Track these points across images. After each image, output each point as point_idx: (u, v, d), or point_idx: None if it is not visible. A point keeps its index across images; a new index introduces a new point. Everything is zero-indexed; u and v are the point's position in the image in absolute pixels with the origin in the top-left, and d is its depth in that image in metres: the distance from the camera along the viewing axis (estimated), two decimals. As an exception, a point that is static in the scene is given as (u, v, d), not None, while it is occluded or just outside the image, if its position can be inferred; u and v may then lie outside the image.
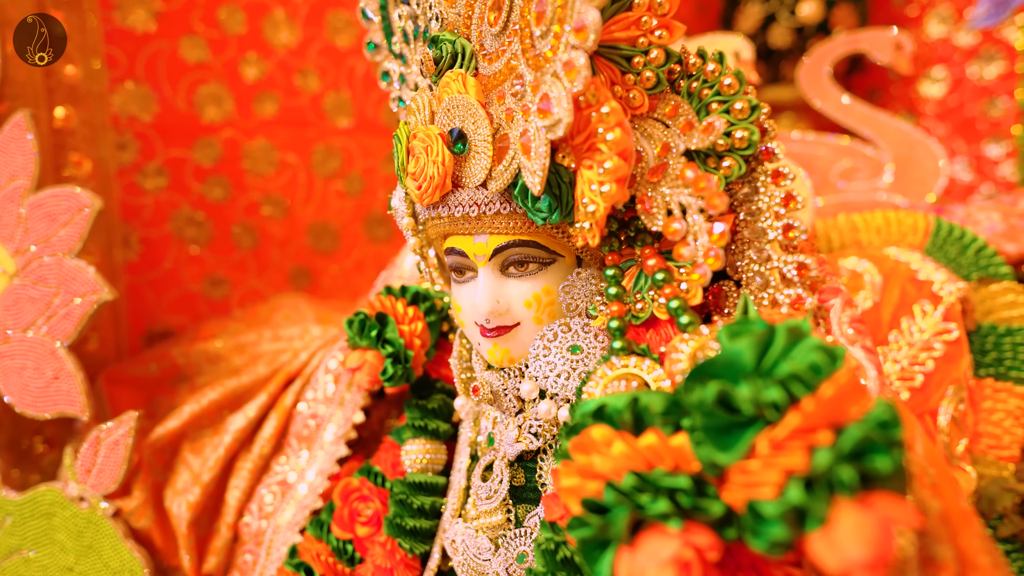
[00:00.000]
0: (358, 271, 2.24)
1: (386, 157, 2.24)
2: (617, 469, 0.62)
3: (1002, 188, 2.51)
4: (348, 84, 2.13)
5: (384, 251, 2.28)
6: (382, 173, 2.24)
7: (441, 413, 1.20)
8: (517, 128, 0.81)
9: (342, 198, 2.17)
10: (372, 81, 2.18)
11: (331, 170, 2.13)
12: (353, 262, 2.23)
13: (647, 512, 0.59)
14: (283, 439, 1.36)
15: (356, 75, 2.14)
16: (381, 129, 2.21)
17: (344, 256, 2.20)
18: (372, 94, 2.18)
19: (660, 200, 0.78)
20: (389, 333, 1.13)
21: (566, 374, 0.87)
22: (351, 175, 2.18)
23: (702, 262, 0.74)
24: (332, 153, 2.13)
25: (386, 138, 2.23)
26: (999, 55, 2.57)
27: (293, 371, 1.41)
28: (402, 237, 2.43)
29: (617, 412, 0.65)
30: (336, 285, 2.19)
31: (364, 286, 2.22)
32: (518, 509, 0.93)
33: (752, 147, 0.76)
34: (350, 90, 2.14)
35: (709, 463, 0.60)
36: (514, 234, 0.89)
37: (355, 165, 2.18)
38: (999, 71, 2.57)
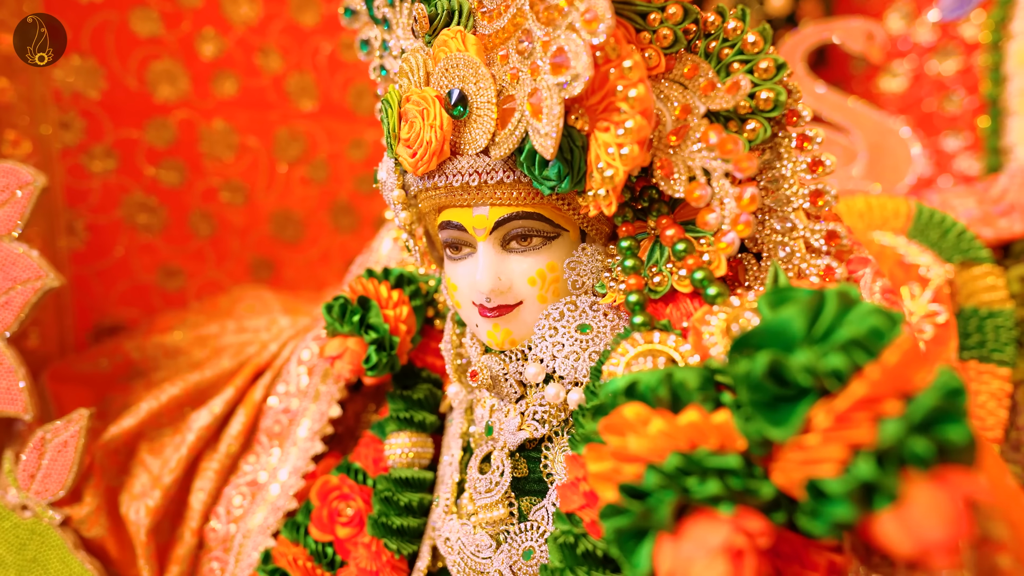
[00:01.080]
0: (323, 262, 2.14)
1: (352, 143, 2.14)
2: (657, 449, 0.56)
3: (959, 181, 2.57)
4: (312, 65, 2.03)
5: (351, 241, 2.18)
6: (348, 159, 2.14)
7: (427, 404, 1.13)
8: (524, 88, 0.75)
9: (306, 185, 2.06)
10: (338, 63, 2.08)
11: (294, 155, 2.02)
12: (318, 253, 2.12)
13: (694, 496, 0.54)
14: (252, 436, 1.26)
15: (320, 56, 2.04)
16: (347, 113, 2.12)
17: (308, 246, 2.10)
18: (338, 76, 2.08)
19: (681, 165, 0.73)
20: (373, 318, 1.05)
21: (575, 355, 0.82)
22: (316, 161, 2.07)
23: (729, 229, 0.69)
24: (295, 137, 2.02)
25: (353, 123, 2.14)
26: (956, 51, 2.63)
27: (262, 363, 1.32)
28: (371, 226, 2.34)
29: (651, 389, 0.60)
30: (300, 277, 2.08)
31: (329, 278, 2.13)
32: (521, 502, 0.87)
33: (778, 108, 0.71)
34: (314, 72, 2.04)
35: (759, 440, 0.55)
36: (517, 205, 0.83)
37: (320, 150, 2.07)
38: (956, 67, 2.63)
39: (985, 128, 2.02)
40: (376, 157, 2.21)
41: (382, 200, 2.29)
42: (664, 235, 0.76)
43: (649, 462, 0.56)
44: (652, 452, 0.56)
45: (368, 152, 2.18)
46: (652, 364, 0.67)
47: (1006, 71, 1.96)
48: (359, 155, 2.16)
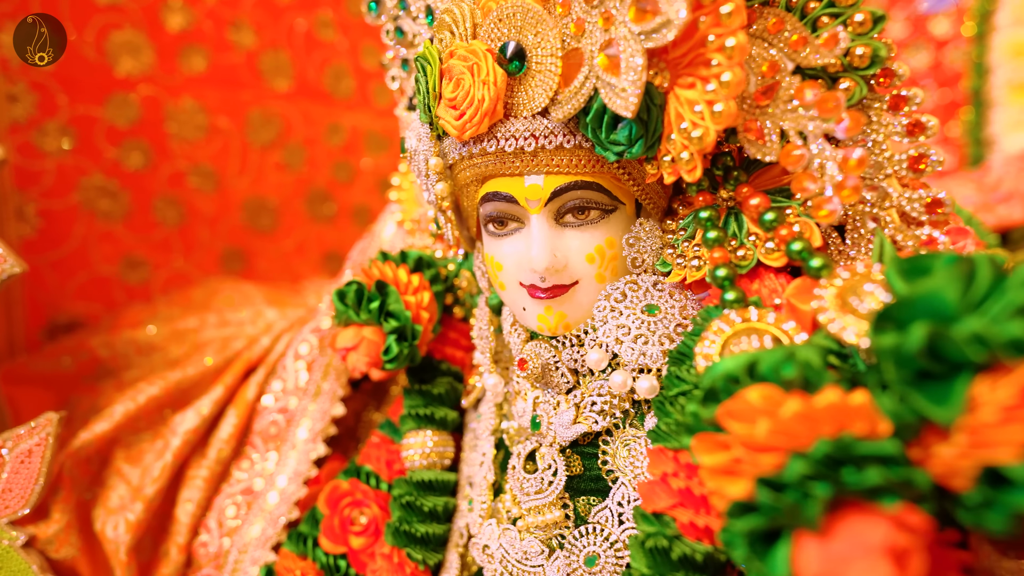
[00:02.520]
0: (298, 253, 2.00)
1: (330, 127, 2.02)
2: (796, 435, 0.49)
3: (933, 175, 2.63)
4: (287, 43, 1.90)
5: (328, 232, 2.06)
6: (325, 145, 2.01)
7: (448, 399, 1.04)
8: (594, 39, 0.67)
9: (281, 171, 1.93)
10: (315, 41, 1.95)
11: (268, 139, 1.88)
12: (293, 243, 1.99)
13: (849, 487, 0.47)
14: (245, 439, 1.14)
15: (296, 33, 1.91)
16: (324, 96, 1.99)
17: (283, 236, 1.96)
18: (314, 55, 1.95)
19: (773, 126, 0.66)
20: (392, 305, 0.95)
21: (643, 338, 0.74)
22: (291, 145, 1.94)
23: (832, 195, 0.63)
24: (269, 120, 1.88)
25: (330, 106, 2.01)
26: (926, 45, 2.69)
27: (254, 359, 1.19)
28: (349, 216, 2.21)
29: (774, 369, 0.53)
30: (273, 269, 1.94)
31: (305, 270, 2.00)
32: (577, 503, 0.79)
33: (876, 65, 0.66)
34: (290, 49, 1.90)
35: (910, 423, 0.48)
36: (576, 173, 0.75)
37: (295, 134, 1.94)
38: (927, 61, 2.69)
39: (968, 120, 2.06)
40: (355, 144, 2.09)
41: (362, 188, 2.18)
42: (747, 205, 0.69)
43: (788, 450, 0.49)
44: (790, 439, 0.49)
45: (346, 138, 2.06)
46: (759, 344, 0.60)
47: (990, 63, 2.00)
48: (337, 140, 2.03)
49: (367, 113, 2.10)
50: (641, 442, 0.75)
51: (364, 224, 2.12)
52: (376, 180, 2.15)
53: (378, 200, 2.16)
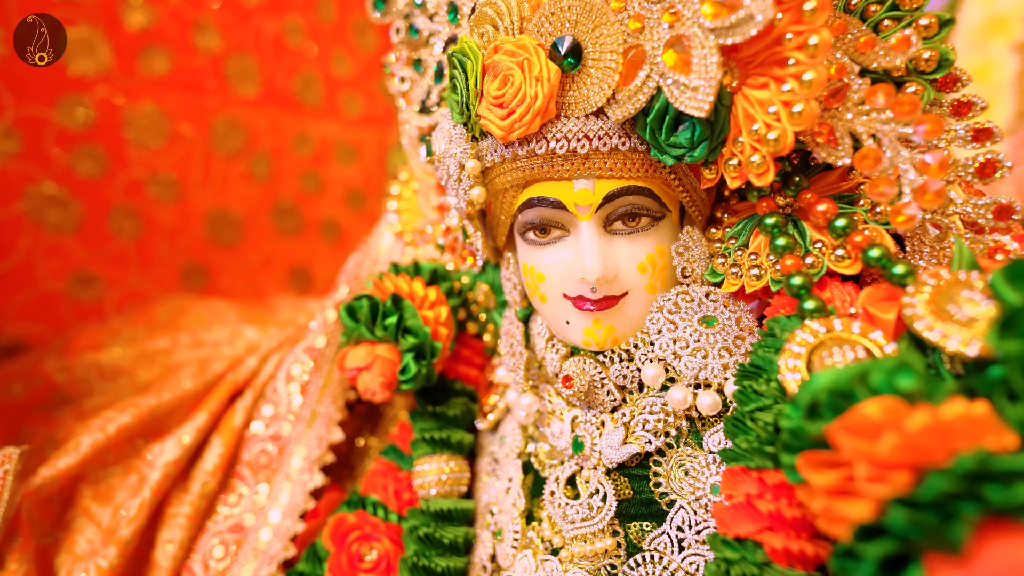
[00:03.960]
0: (264, 269, 1.89)
1: (298, 137, 1.92)
2: (929, 451, 0.46)
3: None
4: (255, 47, 1.80)
5: (294, 246, 1.95)
6: (293, 155, 1.91)
7: (463, 422, 0.97)
8: (658, 35, 0.64)
9: (246, 181, 1.82)
10: (283, 47, 1.86)
11: (233, 147, 1.77)
12: (258, 258, 1.87)
13: (995, 506, 0.44)
14: (232, 471, 1.04)
15: (264, 37, 1.81)
16: (293, 103, 1.90)
17: (248, 251, 1.84)
18: (283, 61, 1.86)
19: (843, 129, 0.64)
20: (410, 320, 0.88)
21: (702, 351, 0.70)
22: (257, 154, 1.83)
23: (910, 200, 0.61)
24: (235, 127, 1.77)
25: (299, 115, 1.92)
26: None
27: (239, 382, 1.09)
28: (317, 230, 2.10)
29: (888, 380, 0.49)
30: (237, 285, 1.82)
31: (271, 286, 1.89)
32: (628, 529, 0.74)
33: (942, 69, 0.65)
34: (257, 54, 1.81)
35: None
36: (628, 178, 0.71)
37: (262, 143, 1.84)
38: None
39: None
40: (324, 154, 2.00)
41: (331, 200, 2.08)
42: (814, 211, 0.66)
43: (916, 467, 0.46)
44: (919, 454, 0.46)
45: (315, 148, 1.97)
46: (852, 355, 0.56)
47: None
48: (306, 151, 1.94)
49: (337, 123, 2.01)
50: (700, 462, 0.70)
51: (333, 238, 2.03)
52: (346, 192, 2.06)
53: (348, 213, 2.07)
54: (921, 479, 0.45)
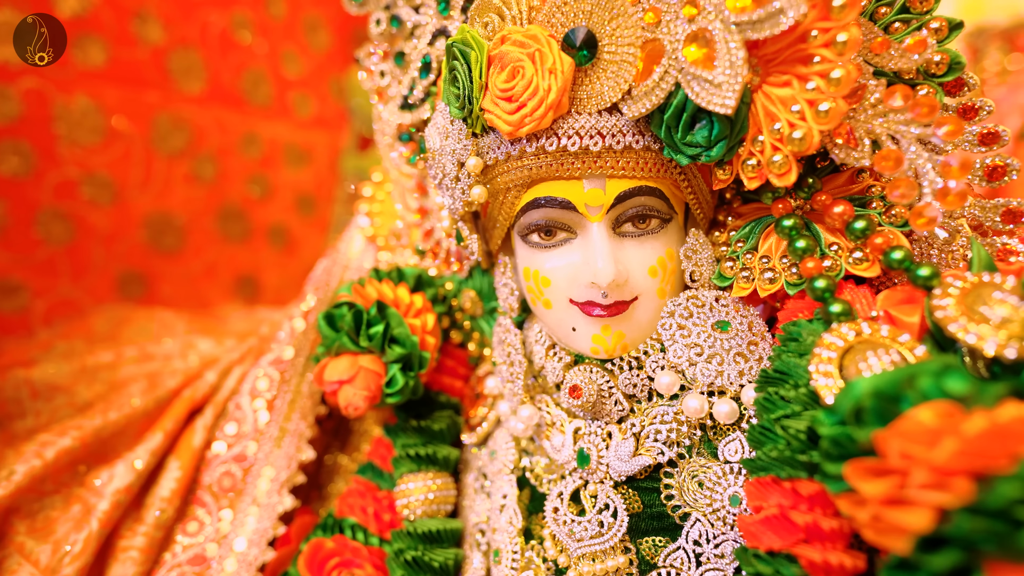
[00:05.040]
0: (208, 277, 1.77)
1: (246, 137, 1.82)
2: (989, 456, 0.44)
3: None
4: (200, 41, 1.69)
5: (241, 253, 1.84)
6: (241, 157, 1.81)
7: (448, 436, 0.92)
8: (677, 29, 0.61)
9: (190, 184, 1.70)
10: (230, 43, 1.76)
11: (176, 147, 1.66)
12: (202, 265, 1.75)
13: (1063, 513, 0.42)
14: (191, 496, 0.94)
15: (210, 32, 1.71)
16: (240, 102, 1.79)
17: (190, 257, 1.72)
18: (230, 58, 1.76)
19: (862, 130, 0.63)
20: (397, 330, 0.83)
21: (718, 358, 0.68)
22: (202, 155, 1.72)
23: (931, 201, 0.60)
24: (178, 126, 1.66)
25: (246, 115, 1.82)
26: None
27: (198, 399, 1.00)
28: (265, 236, 1.99)
29: (937, 384, 0.48)
30: (179, 294, 1.70)
31: (216, 295, 1.77)
32: (640, 545, 0.70)
33: (953, 72, 0.65)
34: (203, 49, 1.70)
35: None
36: (640, 178, 0.68)
37: (207, 143, 1.73)
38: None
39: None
40: (273, 156, 1.90)
41: (281, 206, 1.98)
42: (831, 213, 0.65)
43: (976, 472, 0.44)
44: (979, 459, 0.45)
45: (263, 150, 1.87)
46: (888, 359, 0.55)
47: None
48: (254, 153, 1.83)
49: (287, 124, 1.92)
50: (715, 472, 0.68)
51: (282, 245, 1.93)
52: (296, 197, 1.96)
53: (298, 219, 1.97)
54: (985, 485, 0.44)
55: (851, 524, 0.55)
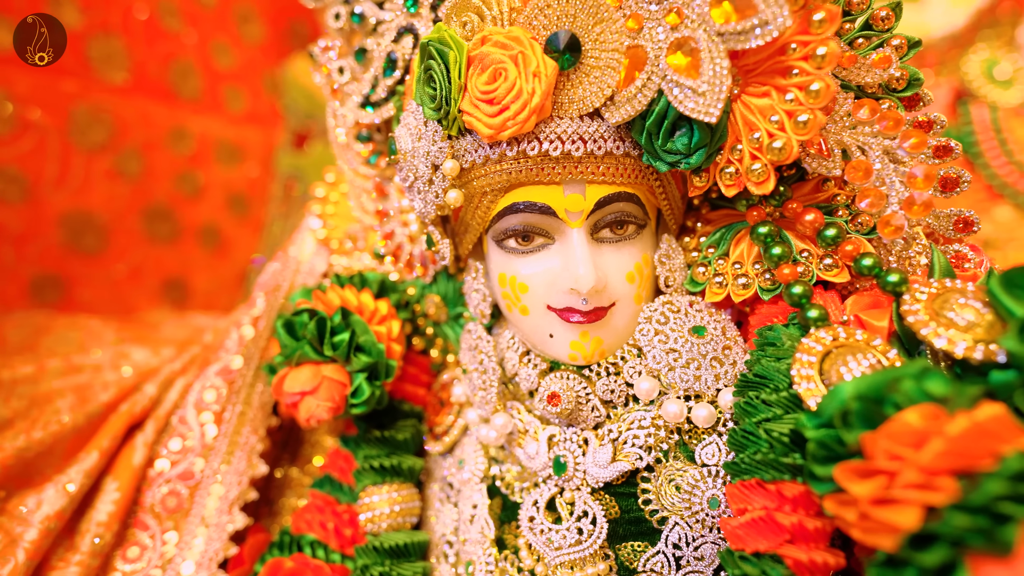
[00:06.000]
0: (133, 280, 1.66)
1: (174, 132, 1.71)
2: (971, 455, 0.47)
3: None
4: (123, 28, 1.58)
5: (168, 255, 1.73)
6: (168, 152, 1.70)
7: (412, 445, 0.89)
8: (660, 36, 0.61)
9: (112, 180, 1.58)
10: (157, 31, 1.65)
11: (97, 141, 1.54)
12: (126, 268, 1.64)
13: (1042, 508, 0.45)
14: (132, 519, 0.87)
15: (134, 18, 1.60)
16: (167, 95, 1.69)
17: (113, 259, 1.61)
18: (157, 48, 1.65)
19: (832, 141, 0.65)
20: (362, 337, 0.79)
21: (696, 363, 0.69)
22: (125, 150, 1.60)
23: (898, 210, 0.63)
24: (99, 118, 1.54)
25: (175, 108, 1.71)
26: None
27: (137, 413, 0.93)
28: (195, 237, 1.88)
29: (919, 387, 0.50)
30: (100, 299, 1.58)
31: (141, 300, 1.66)
32: (619, 551, 0.70)
33: (912, 88, 0.68)
34: (125, 37, 1.59)
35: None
36: (619, 184, 0.68)
37: (132, 138, 1.61)
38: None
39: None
40: (204, 153, 1.80)
41: (212, 205, 1.88)
42: (802, 220, 0.67)
43: (959, 471, 0.47)
44: (961, 459, 0.47)
45: (193, 146, 1.76)
46: (867, 362, 0.57)
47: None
48: (182, 148, 1.73)
49: (218, 119, 1.82)
50: (693, 475, 0.68)
51: (212, 246, 1.83)
52: (227, 196, 1.87)
53: (230, 219, 1.88)
54: (970, 483, 0.46)
55: (834, 523, 0.57)
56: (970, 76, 1.83)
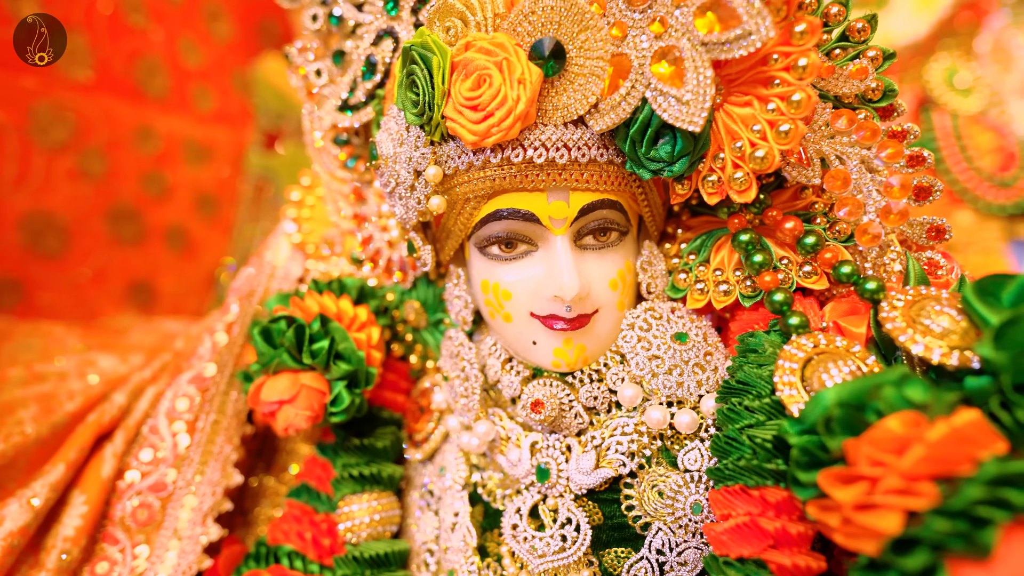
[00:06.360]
0: (97, 284, 1.61)
1: (140, 132, 1.67)
2: (949, 460, 0.48)
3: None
4: (86, 23, 1.53)
5: (134, 257, 1.69)
6: (134, 152, 1.65)
7: (392, 453, 0.88)
8: (644, 45, 0.62)
9: (75, 181, 1.53)
10: (122, 27, 1.61)
11: (59, 140, 1.49)
12: (89, 271, 1.59)
13: (1018, 508, 0.46)
14: (101, 533, 0.85)
15: (98, 13, 1.55)
16: (133, 93, 1.64)
17: (76, 262, 1.55)
18: (122, 44, 1.60)
19: (812, 151, 0.67)
20: (342, 345, 0.78)
21: (679, 369, 0.69)
22: (89, 150, 1.56)
23: (875, 218, 0.64)
24: (61, 116, 1.49)
25: (141, 106, 1.66)
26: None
27: (106, 423, 0.90)
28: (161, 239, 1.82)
29: (900, 395, 0.51)
30: (62, 303, 1.53)
31: (105, 304, 1.62)
32: (603, 558, 0.70)
33: (887, 98, 0.70)
34: (89, 32, 1.54)
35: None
36: (603, 191, 0.68)
37: (96, 136, 1.57)
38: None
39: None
40: (171, 153, 1.76)
41: (179, 206, 1.84)
42: (782, 228, 0.68)
43: (938, 476, 0.48)
44: (940, 464, 0.48)
45: (160, 146, 1.72)
46: (847, 369, 0.58)
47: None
48: (149, 148, 1.69)
49: (186, 118, 1.78)
50: (675, 481, 0.69)
51: (180, 248, 1.79)
52: (195, 197, 1.83)
53: (197, 220, 1.84)
54: (950, 488, 0.47)
55: (816, 528, 0.58)
56: (932, 84, 1.89)
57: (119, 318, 1.48)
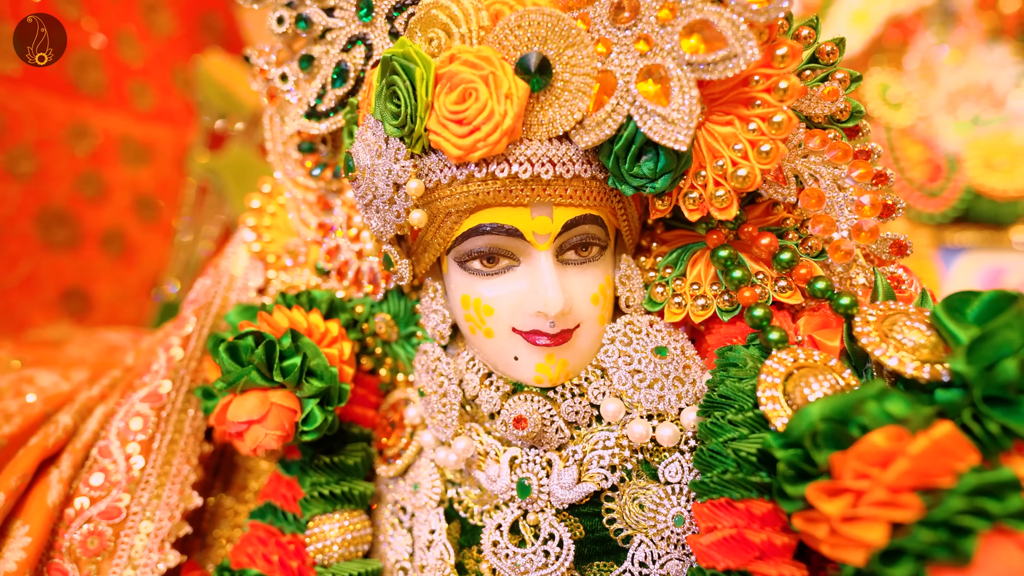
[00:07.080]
0: (26, 290, 1.50)
1: (74, 130, 1.57)
2: (930, 473, 0.50)
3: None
4: (12, 13, 1.43)
5: (67, 262, 1.59)
6: (67, 151, 1.56)
7: (362, 470, 0.85)
8: (630, 62, 0.62)
9: (2, 181, 1.43)
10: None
11: (-17, 137, 1.39)
12: (17, 277, 1.48)
13: (996, 517, 0.49)
14: (46, 566, 0.79)
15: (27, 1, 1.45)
16: (66, 88, 1.54)
17: (3, 268, 1.45)
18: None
19: (788, 170, 0.68)
20: (314, 361, 0.75)
21: (660, 383, 0.70)
22: (17, 148, 1.45)
23: (847, 236, 0.67)
24: (-15, 112, 1.39)
25: (75, 103, 1.57)
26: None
27: (50, 447, 0.84)
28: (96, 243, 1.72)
29: (882, 408, 0.53)
30: (-13, 314, 1.43)
31: (36, 312, 1.52)
32: (585, 572, 0.70)
33: (854, 120, 0.72)
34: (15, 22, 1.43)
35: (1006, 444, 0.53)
36: (585, 206, 0.68)
37: (24, 134, 1.46)
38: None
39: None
40: (107, 152, 1.67)
41: (117, 208, 1.74)
42: (758, 244, 0.70)
43: (919, 488, 0.50)
44: (922, 477, 0.50)
45: (95, 144, 1.62)
46: (829, 383, 0.60)
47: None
48: (84, 147, 1.59)
49: (124, 116, 1.69)
50: (656, 494, 0.70)
51: (117, 253, 1.70)
52: (134, 198, 1.73)
53: (137, 223, 1.75)
54: (933, 499, 0.49)
55: (799, 539, 0.59)
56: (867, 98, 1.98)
57: (51, 328, 1.39)
